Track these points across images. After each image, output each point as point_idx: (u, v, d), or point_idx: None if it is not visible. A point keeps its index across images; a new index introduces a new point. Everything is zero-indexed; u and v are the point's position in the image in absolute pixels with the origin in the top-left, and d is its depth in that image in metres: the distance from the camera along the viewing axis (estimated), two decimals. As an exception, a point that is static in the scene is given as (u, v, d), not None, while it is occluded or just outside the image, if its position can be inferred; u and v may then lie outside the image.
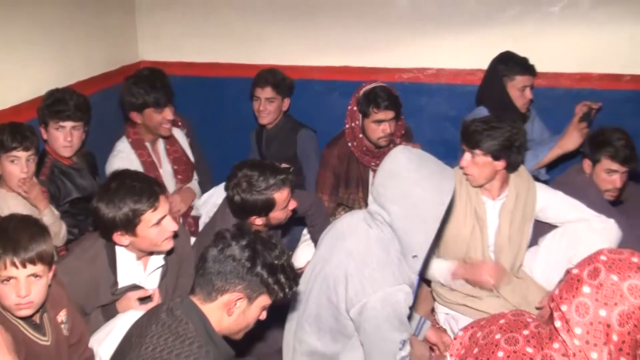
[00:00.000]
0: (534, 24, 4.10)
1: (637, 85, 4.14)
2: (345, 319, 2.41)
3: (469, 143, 2.98)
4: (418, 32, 4.28)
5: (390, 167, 2.35)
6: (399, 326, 2.34)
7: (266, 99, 3.96)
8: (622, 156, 3.29)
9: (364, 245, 2.40)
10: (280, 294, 2.05)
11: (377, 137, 3.56)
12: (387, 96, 3.50)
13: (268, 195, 2.78)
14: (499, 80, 3.68)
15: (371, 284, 2.31)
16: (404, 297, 2.31)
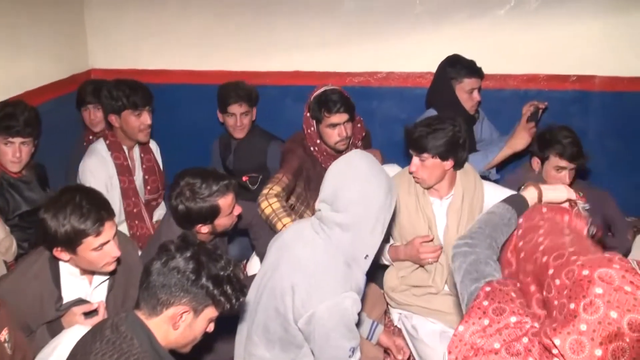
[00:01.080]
0: (482, 27, 4.17)
1: (583, 86, 4.25)
2: (294, 329, 2.39)
3: (416, 148, 2.99)
4: (368, 37, 4.31)
5: (351, 171, 2.34)
6: (347, 334, 2.32)
7: (241, 114, 3.95)
8: (570, 153, 3.36)
9: (310, 254, 2.38)
10: (227, 305, 2.03)
11: (335, 142, 3.48)
12: (338, 99, 3.43)
13: (212, 202, 2.75)
14: (448, 83, 3.70)
15: (318, 293, 2.29)
16: (351, 304, 2.30)
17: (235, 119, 3.98)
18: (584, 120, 4.31)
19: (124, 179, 3.60)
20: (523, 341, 1.56)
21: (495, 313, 1.65)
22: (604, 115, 4.33)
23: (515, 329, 1.59)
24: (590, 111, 4.34)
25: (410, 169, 3.08)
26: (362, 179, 2.31)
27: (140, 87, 3.57)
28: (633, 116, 4.30)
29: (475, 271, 1.85)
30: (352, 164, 2.36)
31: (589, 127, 4.33)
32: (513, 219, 2.09)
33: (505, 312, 1.64)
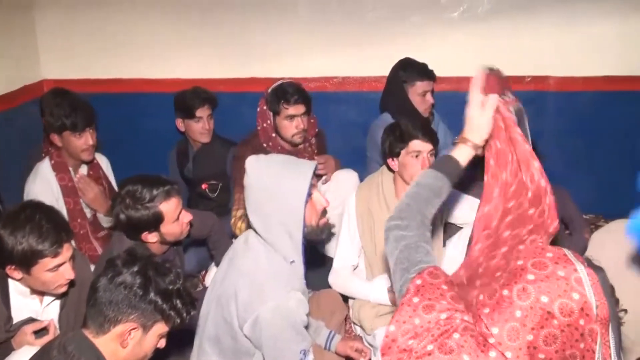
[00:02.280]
0: (436, 30, 4.19)
1: (538, 86, 4.30)
2: (242, 337, 2.35)
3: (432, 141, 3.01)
4: (323, 42, 4.30)
5: (247, 180, 2.34)
6: (295, 336, 2.30)
7: (207, 116, 3.93)
8: None
9: (252, 260, 2.38)
10: (177, 319, 1.99)
11: (292, 134, 3.52)
12: (295, 91, 3.50)
13: (153, 208, 2.65)
14: (400, 86, 3.72)
15: (260, 296, 2.27)
16: (295, 305, 2.28)
17: (203, 123, 3.94)
18: (540, 121, 4.32)
19: (69, 200, 3.51)
20: (454, 337, 1.55)
21: (425, 311, 1.61)
22: (559, 115, 4.38)
23: (446, 326, 1.56)
24: (546, 111, 4.38)
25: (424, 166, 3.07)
26: (256, 187, 2.31)
27: (82, 106, 3.46)
28: (587, 115, 4.35)
29: (406, 259, 1.75)
30: (251, 174, 2.34)
31: (545, 127, 4.37)
32: (445, 186, 1.94)
33: (434, 309, 1.60)
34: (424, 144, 2.94)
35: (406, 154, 2.97)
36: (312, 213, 2.37)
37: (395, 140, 2.99)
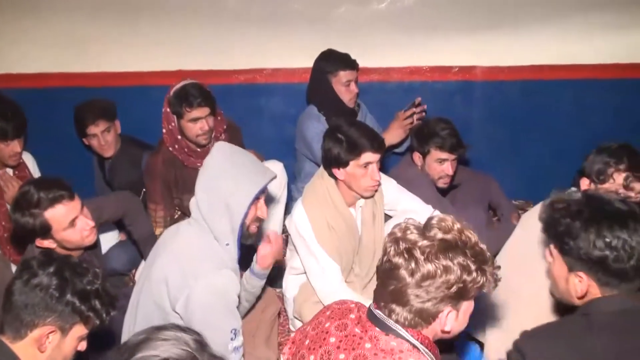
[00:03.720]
0: (363, 21, 4.20)
1: (465, 76, 4.35)
2: (175, 318, 2.34)
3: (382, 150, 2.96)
4: (252, 34, 4.26)
5: (206, 160, 2.41)
6: (227, 313, 2.31)
7: (102, 132, 3.76)
8: (450, 145, 3.41)
9: (183, 242, 2.42)
10: (97, 320, 1.96)
11: (196, 136, 3.45)
12: (198, 93, 3.39)
13: (38, 216, 2.51)
14: (324, 77, 3.74)
15: (192, 274, 2.29)
16: (228, 281, 2.31)
17: (98, 140, 3.77)
18: (468, 110, 4.42)
19: None
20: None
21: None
22: (486, 103, 4.45)
23: None
24: (474, 100, 4.44)
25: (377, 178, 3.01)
26: (215, 169, 2.37)
27: (14, 115, 3.41)
28: (513, 103, 4.43)
29: None
30: (212, 155, 2.41)
31: (473, 116, 4.45)
32: None
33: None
34: (374, 155, 2.88)
35: (356, 165, 2.89)
36: (252, 215, 2.44)
37: (344, 151, 2.87)
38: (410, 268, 1.62)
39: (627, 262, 1.70)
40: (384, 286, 1.69)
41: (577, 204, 1.81)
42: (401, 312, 1.67)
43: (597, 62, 4.30)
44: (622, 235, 1.71)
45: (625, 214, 1.75)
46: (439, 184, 3.51)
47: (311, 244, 2.97)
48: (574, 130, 4.37)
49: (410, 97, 3.97)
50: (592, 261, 1.75)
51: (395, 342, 1.67)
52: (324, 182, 3.02)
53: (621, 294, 1.75)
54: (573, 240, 1.77)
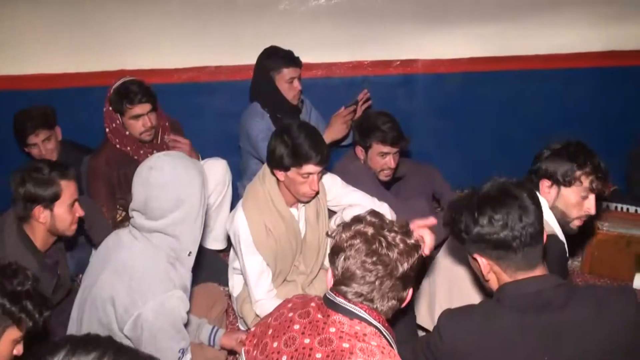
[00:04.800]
0: (305, 17, 4.21)
1: (406, 70, 4.41)
2: (122, 338, 2.29)
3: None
4: (194, 31, 4.24)
5: (159, 178, 2.26)
6: (175, 335, 2.28)
7: (42, 141, 3.70)
8: (391, 138, 3.47)
9: (129, 259, 2.32)
10: (30, 322, 1.92)
11: (140, 133, 3.46)
12: (139, 89, 3.40)
13: (51, 181, 2.69)
14: (267, 74, 3.73)
15: (140, 295, 2.23)
16: (177, 303, 2.26)
17: (38, 149, 3.72)
18: (410, 102, 4.49)
19: None
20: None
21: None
22: (428, 96, 4.52)
23: None
24: (415, 93, 4.51)
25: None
26: (171, 185, 2.25)
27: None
28: (454, 95, 4.51)
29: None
30: (155, 171, 2.28)
31: (415, 109, 4.51)
32: None
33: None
34: (317, 167, 2.85)
35: (297, 173, 2.86)
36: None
37: (288, 156, 2.83)
38: (391, 258, 1.78)
39: (501, 233, 1.88)
40: (358, 279, 1.80)
41: (464, 199, 2.00)
42: (385, 302, 1.83)
43: (535, 53, 4.40)
44: (495, 215, 1.87)
45: (496, 192, 1.93)
46: (382, 176, 3.57)
47: (248, 249, 2.97)
48: (514, 120, 4.49)
49: (353, 91, 4.01)
50: (474, 239, 1.92)
51: (360, 326, 1.77)
52: (265, 184, 2.99)
53: (524, 279, 1.89)
54: (459, 225, 1.96)
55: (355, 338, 1.73)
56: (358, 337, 1.74)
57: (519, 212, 1.86)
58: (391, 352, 1.76)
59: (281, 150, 2.83)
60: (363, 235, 1.80)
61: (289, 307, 1.93)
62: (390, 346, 1.80)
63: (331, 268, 1.88)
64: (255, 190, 3.02)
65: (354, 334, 1.75)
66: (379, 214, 1.90)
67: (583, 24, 4.35)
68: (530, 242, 1.88)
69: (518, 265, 1.89)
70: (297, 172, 2.84)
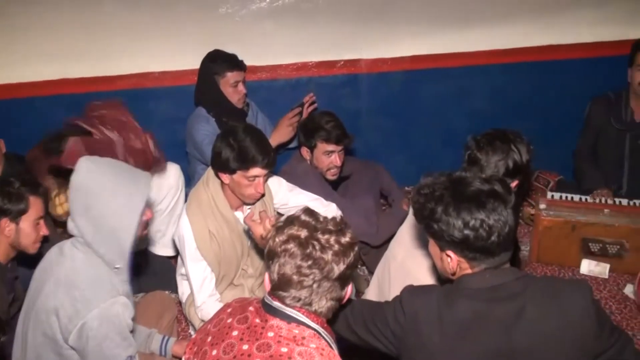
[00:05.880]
0: (247, 20, 4.20)
1: (350, 70, 4.45)
2: (67, 350, 2.28)
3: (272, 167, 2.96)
4: (136, 37, 4.20)
5: (74, 179, 2.26)
6: (121, 342, 2.27)
7: None
8: (335, 136, 3.52)
9: (70, 268, 2.30)
10: None
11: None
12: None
13: (23, 196, 2.76)
14: (211, 78, 3.73)
15: (84, 304, 2.21)
16: (121, 310, 2.25)
17: None
18: (356, 102, 4.53)
19: None
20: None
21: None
22: (373, 94, 4.56)
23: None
24: (361, 92, 4.54)
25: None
26: (81, 189, 2.24)
27: None
28: (399, 93, 4.57)
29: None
30: (74, 172, 2.27)
31: (362, 107, 4.57)
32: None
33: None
34: (262, 170, 2.85)
35: (243, 176, 2.85)
36: (141, 224, 2.35)
37: (234, 159, 2.81)
38: (327, 261, 1.77)
39: (487, 240, 1.82)
40: (295, 284, 1.79)
41: (440, 189, 1.91)
42: (324, 303, 1.83)
43: (475, 49, 4.49)
44: (480, 216, 1.82)
45: (484, 193, 1.86)
46: (329, 175, 3.61)
47: (192, 254, 2.96)
48: (458, 115, 4.57)
49: (298, 93, 4.05)
50: (456, 242, 1.87)
51: (298, 330, 1.78)
52: (209, 188, 2.98)
53: (486, 270, 1.89)
54: (436, 223, 1.88)
55: (293, 342, 1.74)
56: (296, 341, 1.75)
57: (505, 217, 1.83)
58: (331, 353, 1.77)
59: (227, 153, 2.81)
60: (296, 239, 1.78)
61: (228, 313, 1.92)
62: (330, 347, 1.81)
63: (267, 273, 1.86)
64: (199, 194, 3.01)
65: (292, 338, 1.75)
66: (313, 213, 1.88)
67: (522, 20, 4.45)
68: (509, 247, 1.89)
69: (490, 264, 1.89)
70: (243, 175, 2.83)
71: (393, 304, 2.01)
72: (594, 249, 3.78)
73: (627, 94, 3.98)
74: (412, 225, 2.80)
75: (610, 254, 3.76)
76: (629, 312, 3.49)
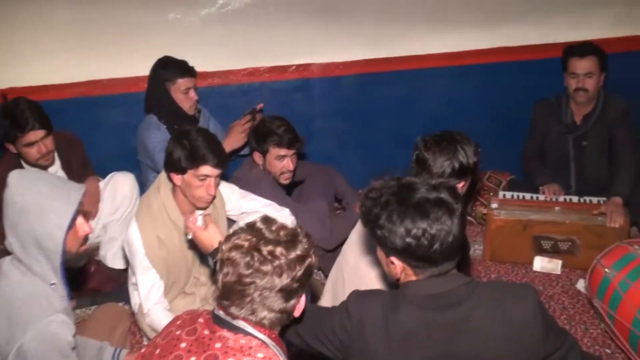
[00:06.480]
0: (196, 26, 4.18)
1: (302, 74, 4.46)
2: None
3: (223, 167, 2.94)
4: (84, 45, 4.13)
5: (8, 195, 2.17)
6: None
7: None
8: (287, 140, 3.52)
9: (8, 288, 2.21)
10: None
11: (36, 160, 3.39)
12: (30, 115, 3.31)
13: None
14: (162, 85, 3.70)
15: (20, 325, 2.12)
16: (59, 328, 2.17)
17: None
18: (309, 106, 4.54)
19: None
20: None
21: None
22: (325, 99, 4.58)
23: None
24: (313, 97, 4.56)
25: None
26: (7, 205, 2.16)
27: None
28: (351, 96, 4.60)
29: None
30: (7, 194, 2.17)
31: (315, 111, 4.58)
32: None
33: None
34: (214, 170, 2.84)
35: (193, 175, 2.83)
36: (74, 240, 2.25)
37: (185, 158, 2.80)
38: (271, 269, 1.73)
39: (429, 249, 1.81)
40: (238, 295, 1.76)
41: (387, 194, 1.89)
42: (268, 315, 1.78)
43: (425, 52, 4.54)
44: (422, 225, 1.79)
45: (430, 202, 1.84)
46: (282, 180, 3.61)
47: (141, 262, 2.92)
48: (409, 117, 4.61)
49: (250, 98, 4.05)
50: (398, 249, 1.85)
51: (245, 340, 1.75)
52: (159, 195, 2.96)
53: (431, 277, 1.88)
54: (380, 229, 1.86)
55: (240, 352, 1.72)
56: (243, 351, 1.72)
57: (448, 227, 1.81)
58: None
59: (178, 153, 2.81)
60: (240, 248, 1.76)
61: (178, 325, 1.90)
62: (279, 357, 1.79)
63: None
64: (149, 201, 2.99)
65: (239, 349, 1.73)
66: (269, 221, 1.85)
67: (471, 23, 4.52)
68: (453, 256, 1.87)
69: (433, 272, 1.87)
70: (193, 174, 2.82)
71: (339, 310, 1.99)
72: (545, 246, 3.85)
73: (567, 97, 4.08)
74: (363, 229, 2.81)
75: (562, 251, 3.84)
76: (581, 306, 3.57)
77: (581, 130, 4.04)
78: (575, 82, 3.90)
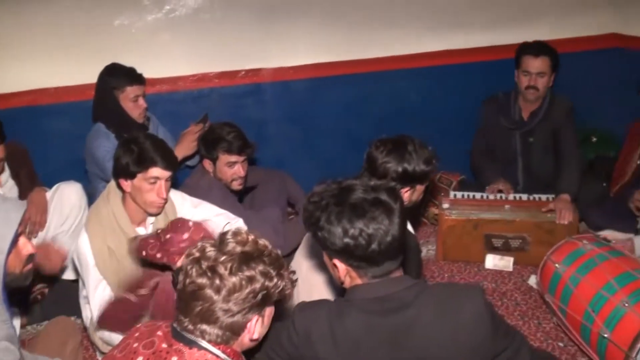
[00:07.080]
0: (143, 32, 4.14)
1: (253, 79, 4.46)
2: None
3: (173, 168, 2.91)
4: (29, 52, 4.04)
5: None
6: None
7: None
8: (237, 147, 3.52)
9: None
10: None
11: None
12: None
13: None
14: (110, 93, 3.64)
15: None
16: (2, 356, 2.11)
17: None
18: (260, 111, 4.53)
19: None
20: None
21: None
22: (277, 103, 4.59)
23: None
24: (264, 101, 4.56)
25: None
26: None
27: None
28: (302, 101, 4.62)
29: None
30: None
31: (266, 116, 4.58)
32: None
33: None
34: (163, 172, 2.81)
35: (143, 179, 2.80)
36: (17, 260, 2.17)
37: (133, 162, 2.78)
38: (216, 285, 1.71)
39: (367, 249, 1.83)
40: (189, 308, 1.75)
41: (327, 197, 1.92)
42: (212, 330, 1.76)
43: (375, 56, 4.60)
44: (359, 225, 1.82)
45: (366, 202, 1.86)
46: (234, 186, 3.60)
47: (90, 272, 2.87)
48: (360, 119, 4.66)
49: (199, 104, 4.04)
50: (338, 250, 1.88)
51: (198, 354, 1.74)
52: (109, 204, 2.92)
53: (375, 280, 1.90)
54: (320, 231, 1.89)
55: None
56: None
57: (386, 226, 1.83)
58: None
59: (126, 158, 2.79)
60: (189, 256, 1.78)
61: (135, 337, 1.87)
62: None
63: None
64: (99, 210, 2.94)
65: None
66: (237, 234, 1.84)
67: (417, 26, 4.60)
68: (393, 256, 1.89)
69: (375, 273, 1.89)
70: (143, 177, 2.80)
71: (287, 324, 1.99)
72: (497, 245, 3.92)
73: (515, 94, 4.20)
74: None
75: (513, 248, 3.92)
76: (534, 301, 3.64)
77: (528, 126, 4.14)
78: (527, 80, 4.01)
